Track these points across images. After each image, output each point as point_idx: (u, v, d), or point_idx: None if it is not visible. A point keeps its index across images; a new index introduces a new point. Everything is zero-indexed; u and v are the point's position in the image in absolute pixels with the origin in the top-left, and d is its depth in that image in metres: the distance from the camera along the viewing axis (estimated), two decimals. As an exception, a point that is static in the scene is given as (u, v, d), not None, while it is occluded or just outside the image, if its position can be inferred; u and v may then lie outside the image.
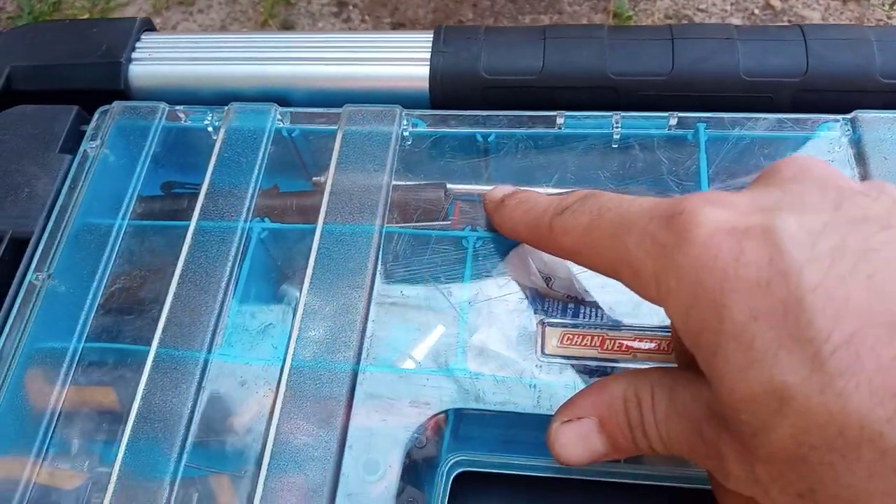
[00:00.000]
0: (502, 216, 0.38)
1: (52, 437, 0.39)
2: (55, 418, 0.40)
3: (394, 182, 0.45)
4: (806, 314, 0.22)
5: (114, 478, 0.37)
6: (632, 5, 1.71)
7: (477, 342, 0.41)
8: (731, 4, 1.70)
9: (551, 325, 0.39)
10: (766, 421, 0.23)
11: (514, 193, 0.38)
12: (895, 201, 0.25)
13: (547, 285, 0.42)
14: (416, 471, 0.38)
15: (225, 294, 0.41)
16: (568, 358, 0.38)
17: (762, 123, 0.44)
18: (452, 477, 0.38)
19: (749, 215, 0.25)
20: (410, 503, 0.37)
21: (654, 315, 0.39)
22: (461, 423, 0.38)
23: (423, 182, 0.47)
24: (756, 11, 1.69)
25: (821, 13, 1.67)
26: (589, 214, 0.30)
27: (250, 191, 0.45)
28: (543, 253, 0.41)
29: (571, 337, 0.39)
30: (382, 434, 0.37)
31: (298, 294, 0.43)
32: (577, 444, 0.31)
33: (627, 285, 0.29)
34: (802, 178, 0.27)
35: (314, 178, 0.50)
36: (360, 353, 0.39)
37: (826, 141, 0.43)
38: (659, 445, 0.29)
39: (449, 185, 0.47)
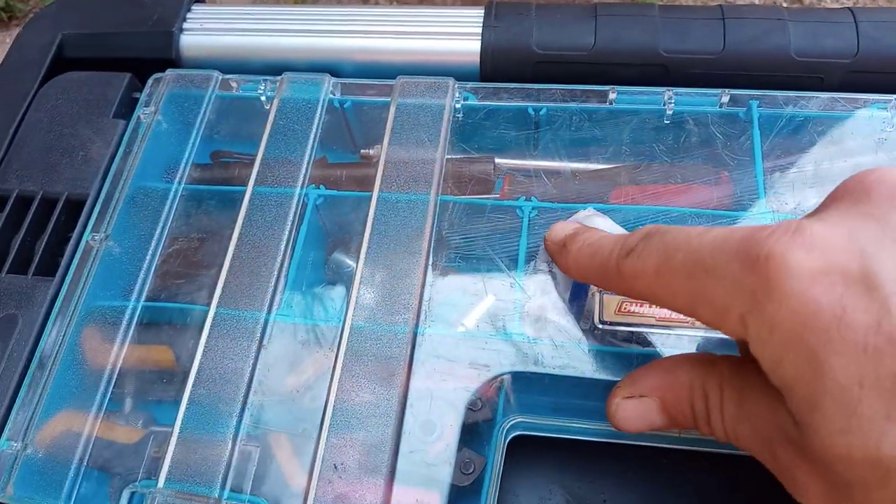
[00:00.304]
0: (567, 261, 0.36)
1: (110, 393, 0.40)
2: (113, 375, 0.40)
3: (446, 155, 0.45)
4: None
5: (175, 433, 0.37)
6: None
7: (534, 309, 0.41)
8: None
9: (609, 293, 0.40)
10: (865, 483, 0.22)
11: (575, 235, 0.35)
12: None
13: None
14: (473, 433, 0.38)
15: (283, 256, 0.42)
16: (626, 325, 0.39)
17: (814, 102, 0.45)
18: (509, 440, 0.39)
19: (847, 260, 0.23)
20: (467, 464, 0.37)
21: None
22: (519, 386, 0.39)
23: (472, 155, 0.47)
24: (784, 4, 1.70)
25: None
26: (657, 256, 0.28)
27: (306, 159, 0.46)
28: (600, 222, 0.42)
29: (630, 304, 0.39)
30: (441, 395, 0.38)
31: (352, 261, 0.44)
32: (636, 419, 0.32)
33: (707, 324, 0.28)
34: None
35: (363, 151, 0.51)
36: (418, 316, 0.39)
37: (878, 120, 0.44)
38: (723, 438, 0.29)
39: (497, 160, 0.48)
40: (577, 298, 0.40)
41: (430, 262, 0.41)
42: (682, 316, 0.37)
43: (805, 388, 0.23)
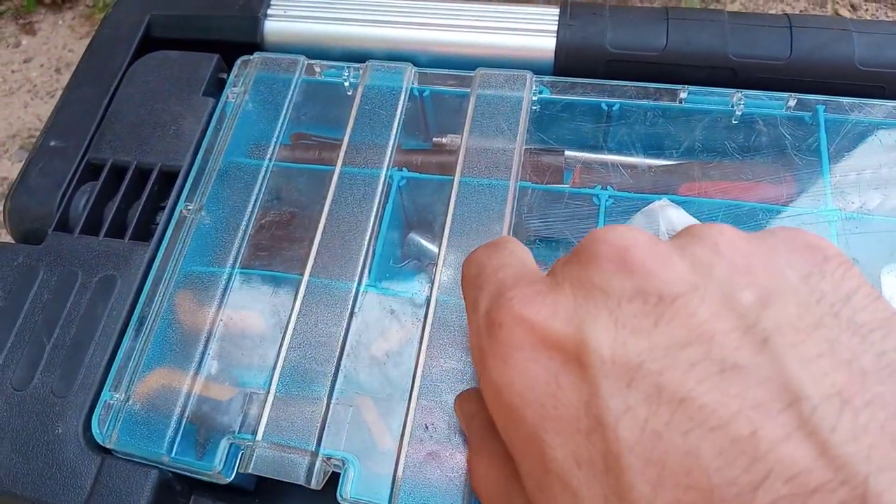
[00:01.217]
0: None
1: (205, 356, 0.42)
2: (209, 339, 0.42)
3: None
4: (626, 476, 0.21)
5: (272, 391, 0.39)
6: (703, 5, 1.73)
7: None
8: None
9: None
10: None
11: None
12: (723, 285, 0.23)
13: (672, 245, 0.44)
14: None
15: (372, 232, 0.44)
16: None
17: (880, 109, 0.47)
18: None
19: (566, 334, 0.23)
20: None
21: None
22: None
23: (544, 147, 0.50)
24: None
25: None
26: (476, 267, 0.30)
27: (391, 143, 0.48)
28: (673, 213, 0.44)
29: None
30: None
31: (428, 242, 0.46)
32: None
33: None
34: (624, 275, 0.24)
35: (435, 139, 0.53)
36: (501, 293, 0.41)
37: (939, 129, 0.46)
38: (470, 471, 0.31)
39: (568, 152, 0.50)
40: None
41: (511, 243, 0.43)
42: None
43: (529, 464, 0.24)
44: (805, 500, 0.19)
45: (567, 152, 0.50)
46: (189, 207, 0.46)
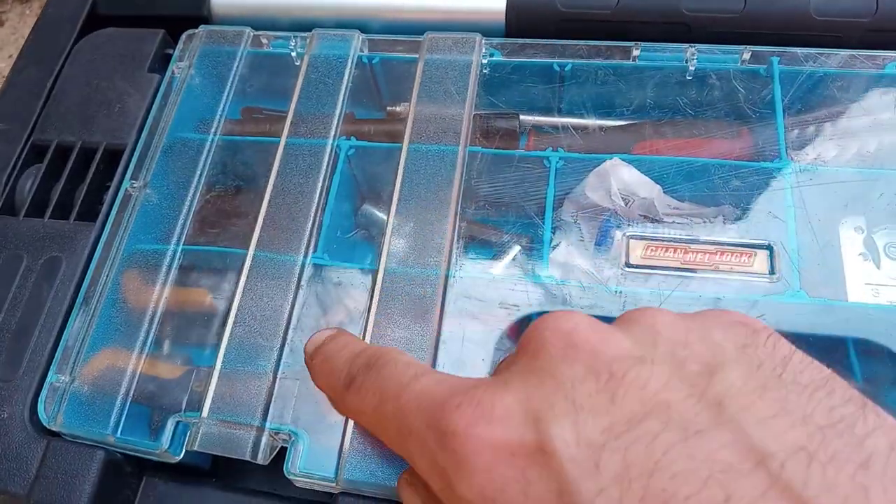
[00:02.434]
0: (311, 371, 0.33)
1: (152, 333, 0.41)
2: (154, 316, 0.42)
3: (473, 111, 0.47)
4: None
5: (218, 367, 0.39)
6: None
7: (560, 256, 0.42)
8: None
9: (635, 237, 0.41)
10: None
11: (321, 347, 0.33)
12: (669, 356, 0.23)
13: (626, 205, 0.44)
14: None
15: (318, 203, 0.43)
16: (652, 268, 0.40)
17: (834, 59, 0.46)
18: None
19: (524, 429, 0.22)
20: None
21: (735, 232, 0.41)
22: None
23: (498, 111, 0.49)
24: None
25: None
26: (373, 398, 0.28)
27: (337, 112, 0.47)
28: (625, 172, 0.43)
29: (655, 248, 0.40)
30: (472, 336, 0.39)
31: (382, 213, 0.45)
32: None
33: None
34: (571, 358, 0.24)
35: (389, 108, 0.52)
36: (450, 260, 0.41)
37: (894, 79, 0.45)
38: None
39: (523, 116, 0.49)
40: (602, 243, 0.42)
41: (460, 210, 0.42)
42: (706, 259, 0.39)
43: None
44: None
45: (523, 116, 0.49)
46: (134, 185, 0.45)
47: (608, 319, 0.38)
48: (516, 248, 0.45)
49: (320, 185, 0.44)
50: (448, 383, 0.26)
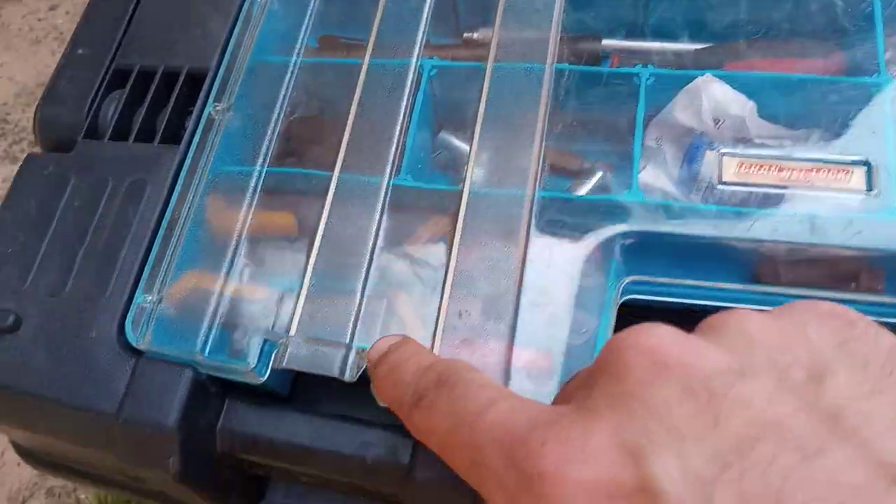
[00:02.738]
0: (375, 381, 0.31)
1: (237, 257, 0.41)
2: (240, 240, 0.42)
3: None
4: None
5: (305, 288, 0.39)
6: None
7: (647, 178, 0.42)
8: None
9: (729, 154, 0.40)
10: None
11: (386, 356, 0.31)
12: (769, 364, 0.21)
13: (715, 125, 0.42)
14: (587, 293, 0.39)
15: (403, 123, 0.43)
16: (746, 185, 0.39)
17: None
18: (622, 301, 0.39)
19: (621, 469, 0.20)
20: (581, 323, 0.38)
21: (831, 150, 0.40)
22: (634, 247, 0.39)
23: (579, 34, 0.47)
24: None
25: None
26: (446, 419, 0.25)
27: (420, 31, 0.46)
28: (717, 89, 0.42)
29: (749, 166, 0.39)
30: (558, 257, 0.39)
31: (460, 140, 0.45)
32: None
33: None
34: (662, 377, 0.21)
35: (465, 35, 0.51)
36: (536, 180, 0.40)
37: None
38: None
39: (606, 41, 0.48)
40: (693, 161, 0.41)
41: (547, 130, 0.41)
42: (801, 176, 0.38)
43: None
44: None
45: (605, 41, 0.48)
46: (217, 108, 0.45)
47: (699, 242, 0.38)
48: (599, 173, 0.44)
49: (404, 105, 0.43)
50: (527, 413, 0.23)
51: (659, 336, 0.22)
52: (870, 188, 0.38)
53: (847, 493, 0.18)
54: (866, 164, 0.39)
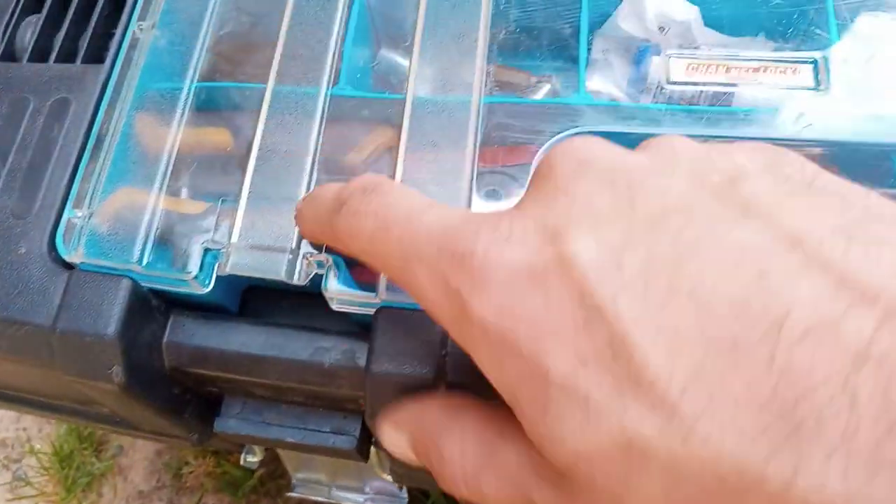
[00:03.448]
0: (299, 224, 0.32)
1: (170, 173, 0.39)
2: (172, 156, 0.40)
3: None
4: (638, 353, 0.19)
5: (244, 196, 0.37)
6: None
7: (595, 85, 0.41)
8: None
9: (676, 56, 0.39)
10: (627, 481, 0.20)
11: (307, 194, 0.32)
12: (690, 170, 0.22)
13: (661, 33, 0.42)
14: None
15: (339, 30, 0.41)
16: (695, 84, 0.38)
17: None
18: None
19: (541, 247, 0.21)
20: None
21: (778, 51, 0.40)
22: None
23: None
24: None
25: None
26: (374, 219, 0.26)
27: (353, -55, 0.44)
28: (661, -4, 0.41)
29: (696, 67, 0.39)
30: (509, 164, 0.38)
31: (402, 58, 0.43)
32: (396, 448, 0.29)
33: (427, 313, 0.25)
34: (586, 173, 0.22)
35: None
36: (481, 86, 0.39)
37: None
38: (463, 494, 0.25)
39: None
40: (640, 65, 0.40)
41: (490, 34, 0.40)
42: (750, 74, 0.37)
43: (532, 389, 0.21)
44: (837, 325, 0.18)
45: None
46: (142, 26, 0.43)
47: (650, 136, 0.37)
48: (547, 87, 0.43)
49: (339, 15, 0.42)
50: (462, 212, 0.24)
51: (588, 141, 0.24)
52: (818, 84, 0.38)
53: (749, 251, 0.19)
54: (813, 61, 0.39)
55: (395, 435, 0.28)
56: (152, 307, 0.37)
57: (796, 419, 0.17)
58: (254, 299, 0.41)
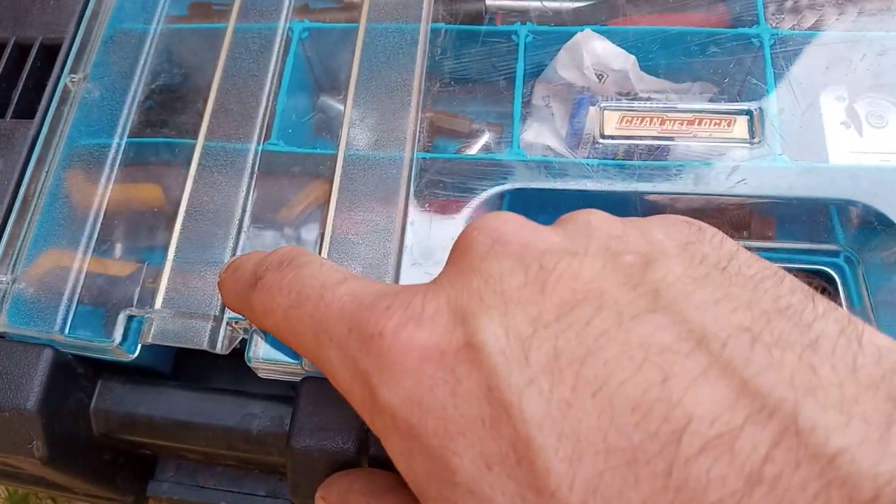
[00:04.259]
0: (222, 293, 0.31)
1: (98, 233, 0.39)
2: (100, 214, 0.39)
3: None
4: (541, 460, 0.18)
5: (170, 260, 0.36)
6: None
7: (530, 136, 0.40)
8: None
9: (610, 108, 0.39)
10: None
11: (231, 262, 0.30)
12: (603, 249, 0.22)
13: (599, 81, 0.41)
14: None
15: (271, 87, 0.41)
16: (628, 138, 0.38)
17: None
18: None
19: (452, 330, 0.21)
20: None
21: (714, 101, 0.39)
22: (519, 204, 0.38)
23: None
24: None
25: None
26: (287, 297, 0.25)
27: (288, -6, 0.44)
28: (597, 44, 0.41)
29: (631, 119, 0.38)
30: (441, 219, 0.37)
31: (341, 104, 0.43)
32: None
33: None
34: (499, 253, 0.22)
35: (344, -3, 0.49)
36: (414, 140, 0.38)
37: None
38: None
39: (488, 1, 0.47)
40: (576, 117, 0.40)
41: (424, 89, 0.40)
42: (684, 127, 0.37)
43: (440, 487, 0.20)
44: (734, 440, 0.17)
45: (488, 2, 0.47)
46: (73, 79, 0.42)
47: (582, 197, 0.37)
48: (486, 134, 0.43)
49: (272, 68, 0.41)
50: (376, 287, 0.24)
51: (504, 219, 0.23)
52: (752, 137, 0.38)
53: (653, 351, 0.19)
54: (748, 112, 0.38)
55: None
56: (77, 374, 0.36)
57: None
58: (188, 357, 0.40)
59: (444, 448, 0.20)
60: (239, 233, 0.37)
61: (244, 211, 0.38)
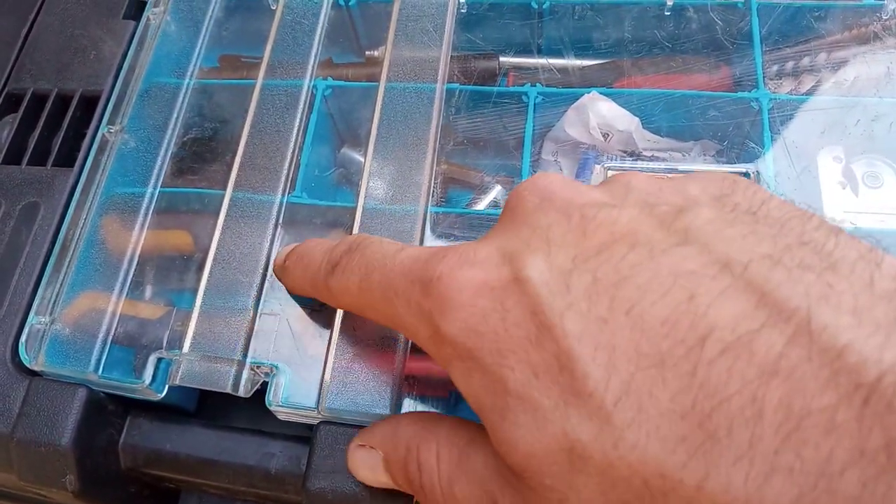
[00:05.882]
0: (287, 280, 0.37)
1: (131, 275, 0.41)
2: (133, 259, 0.41)
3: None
4: (580, 367, 0.21)
5: (198, 305, 0.39)
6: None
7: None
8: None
9: (613, 168, 0.41)
10: (570, 482, 0.22)
11: (292, 251, 0.37)
12: (640, 202, 0.25)
13: (605, 140, 0.43)
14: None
15: (296, 141, 0.43)
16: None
17: (812, -10, 0.46)
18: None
19: (500, 268, 0.24)
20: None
21: (713, 162, 0.41)
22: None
23: (477, 52, 0.48)
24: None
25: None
26: (358, 274, 0.29)
27: (313, 52, 0.47)
28: (603, 106, 0.43)
29: (634, 179, 0.40)
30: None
31: (361, 155, 0.45)
32: (366, 470, 0.31)
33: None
34: (546, 207, 0.26)
35: (367, 52, 0.52)
36: (428, 195, 0.41)
37: (873, 10, 0.45)
38: (439, 502, 0.27)
39: (501, 58, 0.49)
40: (581, 177, 0.42)
41: (439, 146, 0.42)
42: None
43: (494, 398, 0.23)
44: (751, 342, 0.20)
45: (502, 58, 0.49)
46: (111, 130, 0.45)
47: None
48: (497, 188, 0.45)
49: (297, 124, 0.43)
50: (431, 249, 0.28)
51: (551, 179, 0.27)
52: (748, 198, 0.40)
53: (682, 275, 0.22)
54: (745, 174, 0.40)
55: (366, 457, 0.31)
56: (108, 411, 0.39)
57: (710, 428, 0.19)
58: (212, 397, 0.42)
59: (498, 364, 0.23)
60: (263, 280, 0.39)
61: (268, 259, 0.40)
